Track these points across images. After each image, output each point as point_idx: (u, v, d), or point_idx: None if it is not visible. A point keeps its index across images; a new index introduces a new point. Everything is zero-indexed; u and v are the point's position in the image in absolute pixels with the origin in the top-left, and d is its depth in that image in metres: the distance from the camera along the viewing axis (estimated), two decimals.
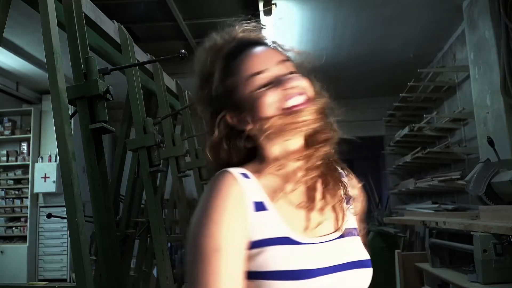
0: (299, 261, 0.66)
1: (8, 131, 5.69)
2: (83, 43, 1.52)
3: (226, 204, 0.67)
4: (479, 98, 3.19)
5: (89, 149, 1.44)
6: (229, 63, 0.78)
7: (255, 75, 0.75)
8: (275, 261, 0.66)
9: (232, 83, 0.76)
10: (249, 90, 0.75)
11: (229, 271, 0.64)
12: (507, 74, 2.75)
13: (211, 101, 0.79)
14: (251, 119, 0.75)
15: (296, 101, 0.74)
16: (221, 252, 0.64)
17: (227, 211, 0.66)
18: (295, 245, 0.68)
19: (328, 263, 0.69)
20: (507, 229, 1.84)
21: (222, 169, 0.73)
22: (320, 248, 0.71)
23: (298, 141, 0.77)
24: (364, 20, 3.85)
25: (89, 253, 1.34)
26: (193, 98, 0.84)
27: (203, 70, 0.81)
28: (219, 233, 0.65)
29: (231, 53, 0.78)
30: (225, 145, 0.78)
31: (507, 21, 2.78)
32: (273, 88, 0.74)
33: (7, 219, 5.59)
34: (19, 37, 4.00)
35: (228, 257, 0.64)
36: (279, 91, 0.74)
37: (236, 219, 0.67)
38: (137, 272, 2.75)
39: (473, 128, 3.44)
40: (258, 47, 0.79)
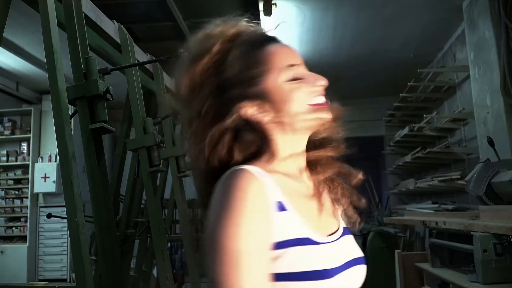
0: (321, 261, 0.67)
1: (8, 131, 5.69)
2: (83, 43, 1.52)
3: (251, 203, 0.64)
4: (479, 98, 3.19)
5: (89, 149, 1.44)
6: (254, 52, 0.75)
7: (290, 67, 0.74)
8: (300, 262, 0.65)
9: (259, 72, 0.73)
10: (281, 80, 0.73)
11: (255, 274, 0.61)
12: (507, 74, 2.75)
13: (223, 88, 0.74)
14: (275, 110, 0.73)
15: (320, 100, 0.75)
16: (247, 254, 0.61)
17: (252, 211, 0.63)
18: (315, 245, 0.68)
19: (340, 262, 0.70)
20: (507, 229, 1.84)
21: (237, 167, 0.69)
22: (332, 247, 0.72)
23: (305, 141, 0.77)
24: (364, 20, 3.85)
25: (89, 253, 1.34)
26: (179, 83, 0.77)
27: (210, 55, 0.75)
28: (246, 234, 0.62)
29: (255, 42, 0.76)
30: (230, 139, 0.73)
31: (507, 21, 2.78)
32: (305, 82, 0.75)
33: (7, 219, 5.59)
34: (19, 37, 3.99)
35: (255, 259, 0.61)
36: (309, 87, 0.75)
37: (262, 220, 0.64)
38: (137, 272, 2.75)
39: (473, 128, 3.44)
40: (282, 42, 0.79)
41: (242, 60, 0.74)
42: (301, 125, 0.73)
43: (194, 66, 0.75)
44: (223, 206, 0.64)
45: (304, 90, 0.74)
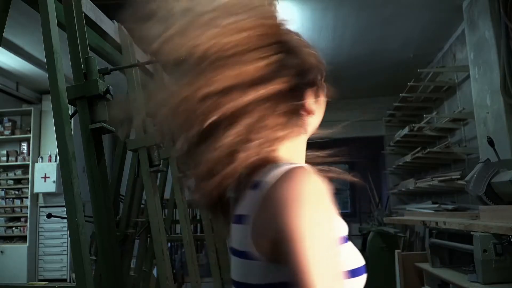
0: (359, 257, 0.69)
1: (8, 131, 5.69)
2: (83, 43, 1.52)
3: (327, 201, 0.61)
4: (479, 98, 3.19)
5: (89, 149, 1.44)
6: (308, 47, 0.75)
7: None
8: (351, 259, 0.66)
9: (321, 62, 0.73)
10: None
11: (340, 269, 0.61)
12: (507, 74, 2.75)
13: (304, 68, 0.70)
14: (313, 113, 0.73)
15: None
16: (336, 250, 0.60)
17: (329, 208, 0.61)
18: (349, 241, 0.70)
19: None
20: (507, 229, 1.84)
21: (297, 165, 0.64)
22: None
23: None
24: (364, 20, 3.85)
25: (89, 253, 1.34)
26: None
27: (277, 22, 0.70)
28: (330, 230, 0.59)
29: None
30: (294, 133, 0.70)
31: (507, 21, 2.78)
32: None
33: (7, 219, 5.59)
34: (19, 37, 3.99)
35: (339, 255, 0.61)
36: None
37: (334, 217, 0.63)
38: (137, 272, 2.75)
39: (473, 128, 3.44)
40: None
41: (309, 47, 0.72)
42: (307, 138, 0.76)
43: (257, 19, 0.68)
44: (301, 204, 0.60)
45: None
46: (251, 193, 0.65)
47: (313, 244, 0.57)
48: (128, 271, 2.59)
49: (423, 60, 4.71)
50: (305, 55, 0.72)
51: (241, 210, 0.66)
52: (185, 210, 2.59)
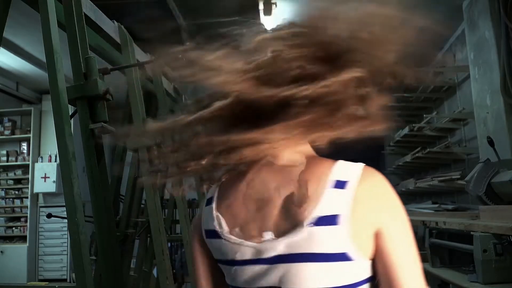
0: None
1: (8, 131, 5.69)
2: (83, 43, 1.52)
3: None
4: (479, 98, 3.19)
5: (89, 149, 1.44)
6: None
7: None
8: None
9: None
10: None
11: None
12: (507, 74, 2.75)
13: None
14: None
15: None
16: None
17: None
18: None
19: None
20: (507, 229, 1.84)
21: (360, 163, 0.71)
22: None
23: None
24: None
25: (89, 253, 1.34)
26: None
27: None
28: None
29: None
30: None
31: (507, 21, 2.78)
32: None
33: (7, 219, 5.59)
34: (19, 37, 3.99)
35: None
36: None
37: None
38: (137, 272, 2.75)
39: (473, 128, 3.44)
40: None
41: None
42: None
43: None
44: (398, 202, 0.70)
45: None
46: (335, 192, 0.66)
47: (411, 234, 0.68)
48: (128, 271, 2.59)
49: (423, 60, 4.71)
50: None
51: (326, 211, 0.64)
52: (185, 210, 2.59)
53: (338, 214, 0.64)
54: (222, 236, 0.72)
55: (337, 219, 0.64)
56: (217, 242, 0.73)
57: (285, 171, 0.70)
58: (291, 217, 0.66)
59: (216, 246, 0.73)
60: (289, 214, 0.67)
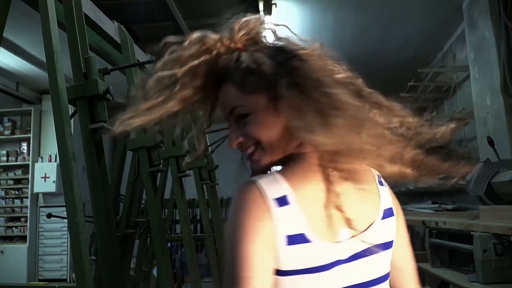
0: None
1: (8, 131, 5.69)
2: (83, 43, 1.52)
3: None
4: (479, 98, 3.19)
5: (89, 149, 1.44)
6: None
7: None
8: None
9: None
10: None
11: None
12: (507, 74, 2.75)
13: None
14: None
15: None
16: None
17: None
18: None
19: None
20: (507, 229, 1.84)
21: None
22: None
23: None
24: (364, 20, 3.85)
25: (89, 253, 1.34)
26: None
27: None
28: None
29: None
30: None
31: (507, 21, 2.78)
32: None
33: (7, 219, 5.59)
34: (19, 37, 4.00)
35: None
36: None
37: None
38: (137, 272, 2.75)
39: (473, 128, 3.44)
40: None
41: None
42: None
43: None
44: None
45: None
46: (382, 188, 0.80)
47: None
48: (128, 271, 2.59)
49: (423, 60, 4.71)
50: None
51: (387, 205, 0.78)
52: (185, 210, 2.59)
53: (391, 207, 0.79)
54: (312, 240, 0.67)
55: (392, 210, 0.79)
56: (305, 247, 0.66)
57: (353, 173, 0.72)
58: (364, 213, 0.74)
59: (301, 251, 0.66)
60: (362, 211, 0.73)
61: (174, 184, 2.61)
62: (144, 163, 2.01)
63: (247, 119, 0.74)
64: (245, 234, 0.65)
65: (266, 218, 0.66)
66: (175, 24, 3.93)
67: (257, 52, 0.74)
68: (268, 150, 0.74)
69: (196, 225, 5.62)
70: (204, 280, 3.50)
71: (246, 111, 0.74)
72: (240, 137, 0.75)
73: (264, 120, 0.73)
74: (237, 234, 0.65)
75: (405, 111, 0.81)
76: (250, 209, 0.66)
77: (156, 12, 3.81)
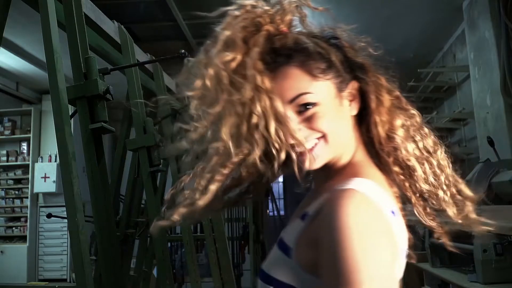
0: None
1: (8, 131, 5.69)
2: (83, 43, 1.52)
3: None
4: (479, 98, 3.19)
5: (89, 149, 1.44)
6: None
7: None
8: None
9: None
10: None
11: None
12: (507, 74, 2.75)
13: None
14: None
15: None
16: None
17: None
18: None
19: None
20: (507, 229, 1.84)
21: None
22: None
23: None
24: (364, 20, 3.85)
25: (89, 253, 1.34)
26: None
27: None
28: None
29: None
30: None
31: (507, 21, 2.78)
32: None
33: (7, 219, 5.59)
34: (19, 37, 3.99)
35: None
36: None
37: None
38: (137, 272, 2.75)
39: (473, 128, 3.44)
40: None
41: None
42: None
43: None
44: None
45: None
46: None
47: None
48: (128, 271, 2.59)
49: (423, 60, 4.71)
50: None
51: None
52: None
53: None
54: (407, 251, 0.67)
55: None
56: (404, 259, 0.66)
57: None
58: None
59: (403, 264, 0.66)
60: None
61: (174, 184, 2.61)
62: (144, 163, 2.01)
63: (314, 108, 0.65)
64: (377, 256, 0.56)
65: (391, 234, 0.60)
66: (175, 24, 3.93)
67: (313, 37, 0.71)
68: (332, 145, 0.67)
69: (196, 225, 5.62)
70: (204, 280, 3.50)
71: (315, 100, 0.65)
72: (304, 129, 0.66)
73: (333, 111, 0.67)
74: (366, 258, 0.54)
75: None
76: (377, 226, 0.58)
77: (156, 12, 3.81)
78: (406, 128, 0.71)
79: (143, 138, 2.01)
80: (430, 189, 0.71)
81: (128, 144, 2.08)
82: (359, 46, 0.74)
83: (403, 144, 0.70)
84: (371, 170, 0.69)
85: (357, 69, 0.71)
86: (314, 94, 0.65)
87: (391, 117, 0.71)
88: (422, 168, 0.70)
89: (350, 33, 0.75)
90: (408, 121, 0.72)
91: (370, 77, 0.71)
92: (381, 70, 0.75)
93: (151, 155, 2.01)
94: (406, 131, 0.71)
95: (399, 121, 0.71)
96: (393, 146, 0.70)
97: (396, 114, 0.72)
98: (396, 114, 0.71)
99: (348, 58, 0.70)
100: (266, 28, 0.66)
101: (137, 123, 2.05)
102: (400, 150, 0.70)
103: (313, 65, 0.66)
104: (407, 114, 0.73)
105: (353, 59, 0.71)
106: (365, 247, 0.55)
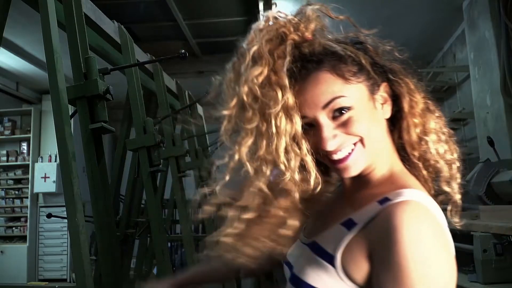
0: None
1: (8, 131, 5.70)
2: (83, 43, 1.52)
3: None
4: (479, 98, 3.19)
5: (89, 149, 1.44)
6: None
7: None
8: None
9: None
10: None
11: None
12: (507, 74, 2.75)
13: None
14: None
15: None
16: None
17: None
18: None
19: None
20: (507, 229, 1.84)
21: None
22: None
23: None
24: (364, 20, 3.84)
25: (89, 253, 1.34)
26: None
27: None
28: None
29: None
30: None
31: (507, 21, 2.78)
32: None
33: (7, 219, 5.59)
34: (19, 37, 4.00)
35: None
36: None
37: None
38: (137, 272, 2.75)
39: (473, 128, 3.44)
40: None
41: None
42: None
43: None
44: None
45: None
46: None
47: None
48: (128, 271, 2.59)
49: (423, 60, 4.71)
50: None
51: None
52: (185, 210, 2.59)
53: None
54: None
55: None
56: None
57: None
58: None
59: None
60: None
61: (174, 184, 2.61)
62: (144, 163, 2.01)
63: (349, 112, 0.65)
64: (441, 270, 0.58)
65: (451, 245, 0.64)
66: (175, 24, 3.94)
67: (340, 42, 0.71)
68: (369, 149, 0.66)
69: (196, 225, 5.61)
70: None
71: (349, 103, 0.65)
72: (341, 134, 0.65)
73: (368, 114, 0.66)
74: (431, 272, 0.57)
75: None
76: (439, 239, 0.61)
77: (156, 12, 3.81)
78: (436, 131, 0.71)
79: (143, 138, 2.01)
80: (449, 191, 0.70)
81: (128, 144, 2.08)
82: (383, 50, 0.74)
83: (434, 147, 0.69)
84: (412, 179, 0.69)
85: (388, 71, 0.71)
86: (348, 97, 0.65)
87: (423, 120, 0.71)
88: (450, 171, 0.70)
89: (374, 37, 0.76)
90: (438, 124, 0.72)
91: (401, 79, 0.71)
92: (408, 73, 0.74)
93: (151, 155, 2.01)
94: (437, 134, 0.70)
95: (432, 124, 0.71)
96: (425, 149, 0.70)
97: (428, 116, 0.71)
98: (429, 117, 0.71)
99: (376, 61, 0.70)
100: (291, 37, 0.66)
101: (137, 123, 2.04)
102: (430, 153, 0.69)
103: (344, 68, 0.66)
104: (435, 117, 0.72)
105: (381, 62, 0.71)
106: (431, 262, 0.56)
